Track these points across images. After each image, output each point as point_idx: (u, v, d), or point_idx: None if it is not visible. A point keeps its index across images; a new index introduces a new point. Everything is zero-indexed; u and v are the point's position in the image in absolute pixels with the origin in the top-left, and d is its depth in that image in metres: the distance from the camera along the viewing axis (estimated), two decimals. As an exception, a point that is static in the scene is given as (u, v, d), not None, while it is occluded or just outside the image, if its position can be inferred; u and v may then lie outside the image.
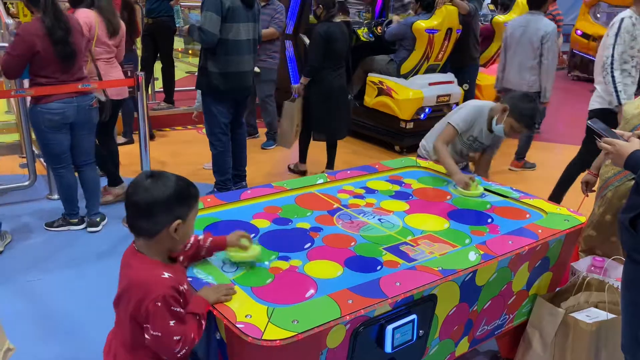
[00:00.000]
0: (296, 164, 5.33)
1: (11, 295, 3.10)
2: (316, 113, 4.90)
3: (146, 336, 1.55)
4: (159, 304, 1.50)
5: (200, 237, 1.89)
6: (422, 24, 5.68)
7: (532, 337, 2.41)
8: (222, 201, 2.47)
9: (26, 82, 3.95)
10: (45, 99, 3.49)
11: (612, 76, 3.67)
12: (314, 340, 1.59)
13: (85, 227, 3.92)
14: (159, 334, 1.53)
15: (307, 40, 5.93)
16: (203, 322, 1.62)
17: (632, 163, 1.79)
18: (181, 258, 1.79)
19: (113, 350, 1.68)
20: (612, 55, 3.67)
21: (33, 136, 4.44)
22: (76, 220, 3.93)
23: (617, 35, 3.66)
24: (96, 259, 3.55)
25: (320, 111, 4.89)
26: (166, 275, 1.56)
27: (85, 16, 3.84)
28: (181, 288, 1.58)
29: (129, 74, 4.35)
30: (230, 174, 4.44)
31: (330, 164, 5.18)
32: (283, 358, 1.57)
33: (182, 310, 1.56)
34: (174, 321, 1.53)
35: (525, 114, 2.90)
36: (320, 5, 4.80)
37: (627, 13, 3.69)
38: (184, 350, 1.56)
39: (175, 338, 1.54)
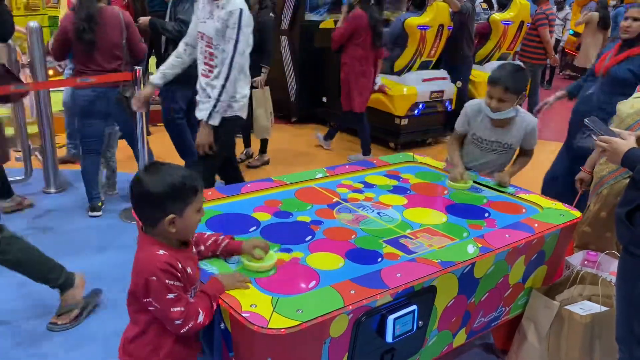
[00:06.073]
0: (258, 157, 5.44)
1: (7, 288, 3.11)
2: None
3: (151, 308, 1.59)
4: (154, 278, 1.54)
5: (221, 237, 1.91)
6: (414, 20, 5.73)
7: (528, 329, 2.45)
8: (223, 194, 2.49)
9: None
10: (79, 85, 3.76)
11: None
12: (317, 329, 1.62)
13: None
14: (158, 306, 1.57)
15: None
16: (214, 304, 1.64)
17: (629, 161, 1.83)
18: (198, 247, 1.85)
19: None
20: None
21: (29, 130, 4.46)
22: (93, 205, 4.00)
23: None
24: (95, 251, 3.55)
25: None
26: (161, 252, 1.58)
27: None
28: (179, 265, 1.59)
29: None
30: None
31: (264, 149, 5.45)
32: (287, 346, 1.60)
33: (179, 283, 1.58)
34: (171, 294, 1.56)
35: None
36: None
37: None
38: (189, 325, 1.59)
39: (173, 309, 1.56)
